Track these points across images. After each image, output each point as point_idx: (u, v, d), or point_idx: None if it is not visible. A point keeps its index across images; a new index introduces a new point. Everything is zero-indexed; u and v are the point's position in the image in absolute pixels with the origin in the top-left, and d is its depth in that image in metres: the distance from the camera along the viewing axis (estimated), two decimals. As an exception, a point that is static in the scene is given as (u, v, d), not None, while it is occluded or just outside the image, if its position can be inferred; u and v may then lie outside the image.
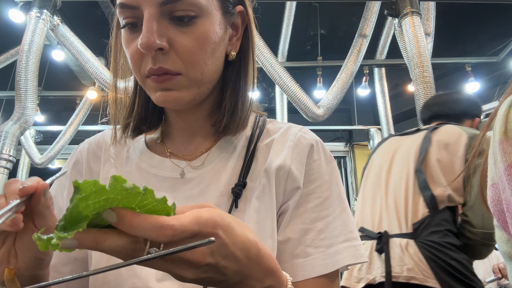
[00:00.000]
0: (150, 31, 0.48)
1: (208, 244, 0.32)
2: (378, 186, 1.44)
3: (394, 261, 1.23)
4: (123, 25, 0.52)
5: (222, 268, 0.35)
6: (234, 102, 0.58)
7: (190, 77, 0.51)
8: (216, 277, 0.35)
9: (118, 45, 0.60)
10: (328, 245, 0.52)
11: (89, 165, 0.63)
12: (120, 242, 0.30)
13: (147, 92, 0.55)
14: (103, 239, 0.30)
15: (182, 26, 0.50)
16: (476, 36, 4.30)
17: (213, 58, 0.53)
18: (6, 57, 3.74)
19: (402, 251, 1.23)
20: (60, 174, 0.47)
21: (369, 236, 1.35)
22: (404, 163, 1.40)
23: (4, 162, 2.93)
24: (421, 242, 1.22)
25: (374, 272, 1.26)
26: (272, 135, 0.61)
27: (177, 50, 0.50)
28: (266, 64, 3.31)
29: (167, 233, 0.30)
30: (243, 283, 0.37)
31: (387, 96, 4.08)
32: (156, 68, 0.49)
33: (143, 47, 0.48)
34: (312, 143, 0.59)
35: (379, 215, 1.37)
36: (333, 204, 0.56)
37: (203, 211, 0.33)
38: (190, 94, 0.53)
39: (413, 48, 2.67)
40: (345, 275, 1.35)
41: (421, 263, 1.19)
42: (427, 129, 1.47)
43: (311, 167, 0.57)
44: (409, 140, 1.48)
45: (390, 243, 1.26)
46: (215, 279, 0.35)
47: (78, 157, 0.64)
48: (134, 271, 0.50)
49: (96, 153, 0.64)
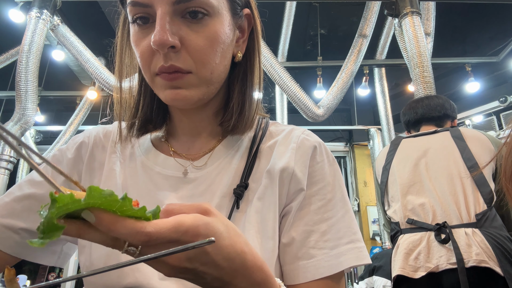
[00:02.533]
0: (164, 28, 0.48)
1: (208, 244, 0.32)
2: (418, 183, 1.51)
3: (462, 249, 1.30)
4: (133, 20, 0.52)
5: (201, 272, 0.35)
6: (242, 102, 0.59)
7: (200, 75, 0.52)
8: (195, 278, 0.36)
9: (124, 44, 0.60)
10: (331, 246, 0.52)
11: (93, 152, 0.63)
12: (101, 237, 0.32)
13: (155, 91, 0.55)
14: (85, 232, 0.31)
15: (193, 25, 0.50)
16: (476, 36, 4.30)
17: (222, 58, 0.54)
18: (6, 57, 3.75)
19: (469, 239, 1.31)
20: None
21: (423, 227, 1.42)
22: (449, 160, 1.49)
23: (5, 163, 2.94)
24: (486, 231, 1.31)
25: (435, 261, 1.33)
26: (275, 137, 0.62)
27: (188, 48, 0.50)
28: (266, 64, 3.31)
29: (142, 239, 0.31)
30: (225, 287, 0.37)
31: (387, 96, 4.08)
32: (167, 66, 0.50)
33: (156, 44, 0.48)
34: (315, 145, 0.59)
35: (431, 208, 1.44)
36: (336, 206, 0.56)
37: (187, 218, 0.33)
38: (199, 93, 0.53)
39: (413, 48, 2.67)
40: (399, 264, 1.40)
41: (488, 250, 1.27)
42: (444, 130, 1.60)
43: (314, 169, 0.57)
44: (434, 140, 1.59)
45: (454, 232, 1.34)
46: (194, 280, 0.36)
47: (84, 140, 0.64)
48: (137, 266, 0.50)
49: (103, 143, 0.64)
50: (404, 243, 1.43)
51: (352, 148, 5.25)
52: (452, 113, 1.70)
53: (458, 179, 1.44)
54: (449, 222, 1.38)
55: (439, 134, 1.60)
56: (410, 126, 1.77)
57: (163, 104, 0.61)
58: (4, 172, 2.95)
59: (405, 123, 1.79)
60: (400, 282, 1.39)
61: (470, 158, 1.45)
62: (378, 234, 4.46)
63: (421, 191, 1.50)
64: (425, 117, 1.69)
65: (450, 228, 1.36)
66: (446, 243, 1.34)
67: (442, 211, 1.41)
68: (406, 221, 1.48)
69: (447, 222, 1.38)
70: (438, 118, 1.67)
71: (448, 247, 1.33)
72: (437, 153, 1.54)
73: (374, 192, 4.46)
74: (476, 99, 4.37)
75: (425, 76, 2.58)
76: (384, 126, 4.07)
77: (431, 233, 1.39)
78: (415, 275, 1.34)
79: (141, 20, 0.51)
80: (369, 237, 4.65)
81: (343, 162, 5.47)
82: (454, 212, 1.39)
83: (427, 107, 1.70)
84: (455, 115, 1.72)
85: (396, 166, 1.62)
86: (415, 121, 1.72)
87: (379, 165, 1.71)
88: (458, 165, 1.46)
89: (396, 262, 1.43)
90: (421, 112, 1.70)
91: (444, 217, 1.40)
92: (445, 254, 1.33)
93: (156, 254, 0.32)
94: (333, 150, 5.39)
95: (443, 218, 1.40)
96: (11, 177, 3.23)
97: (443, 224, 1.37)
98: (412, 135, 1.69)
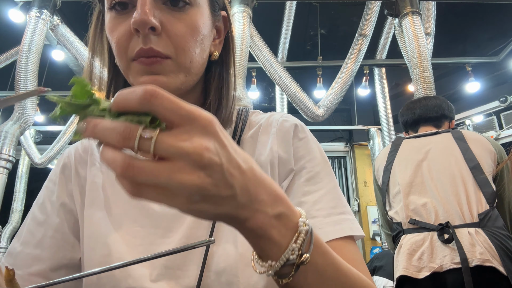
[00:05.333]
0: (145, 9, 0.47)
1: (208, 244, 0.31)
2: (420, 183, 1.52)
3: (465, 248, 1.31)
4: (111, 6, 0.51)
5: (228, 174, 0.29)
6: (219, 100, 0.58)
7: (179, 62, 0.51)
8: (222, 189, 0.29)
9: (97, 33, 0.59)
10: (325, 215, 0.50)
11: (77, 170, 0.62)
12: (113, 123, 0.27)
13: (130, 79, 0.52)
14: (98, 121, 0.28)
15: (175, 12, 0.50)
16: (476, 36, 4.30)
17: (201, 50, 0.53)
18: (6, 57, 3.74)
19: (472, 238, 1.32)
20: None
21: (425, 228, 1.42)
22: (450, 161, 1.50)
23: (4, 162, 2.93)
24: (489, 230, 1.32)
25: (439, 261, 1.34)
26: (256, 125, 0.61)
27: (169, 33, 0.49)
28: (266, 64, 3.31)
29: (153, 95, 0.27)
30: (252, 207, 0.32)
31: (387, 96, 4.08)
32: (147, 48, 0.48)
33: (137, 23, 0.47)
34: (295, 124, 0.59)
35: (433, 208, 1.44)
36: (325, 178, 0.55)
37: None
38: (177, 80, 0.51)
39: (413, 48, 2.67)
40: (403, 264, 1.40)
41: (491, 250, 1.28)
42: (446, 131, 1.61)
43: (297, 145, 0.57)
44: (436, 141, 1.59)
45: (457, 232, 1.35)
46: (221, 192, 0.29)
47: (65, 162, 0.63)
48: (128, 272, 0.49)
49: (83, 158, 0.63)
50: (407, 243, 1.43)
51: (352, 148, 5.24)
52: (450, 113, 1.71)
53: (460, 179, 1.44)
54: (452, 222, 1.38)
55: (440, 135, 1.61)
56: (408, 126, 1.78)
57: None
58: (3, 172, 2.95)
59: (403, 123, 1.80)
60: (404, 282, 1.39)
61: (472, 159, 1.46)
62: (378, 234, 4.46)
63: (423, 191, 1.50)
64: (422, 118, 1.71)
65: (453, 228, 1.36)
66: (449, 243, 1.35)
67: (444, 211, 1.42)
68: (408, 222, 1.48)
69: (449, 222, 1.38)
70: (436, 119, 1.69)
71: (451, 247, 1.34)
72: (438, 153, 1.55)
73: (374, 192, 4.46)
74: (476, 99, 4.37)
75: (425, 76, 2.58)
76: (384, 126, 4.06)
77: (434, 233, 1.40)
78: (419, 275, 1.35)
79: (120, 5, 0.50)
80: (369, 237, 4.65)
81: (343, 162, 5.47)
82: (456, 212, 1.39)
83: (424, 108, 1.71)
84: (453, 115, 1.73)
85: (398, 166, 1.62)
86: (413, 121, 1.74)
87: (380, 165, 1.71)
88: (460, 165, 1.47)
89: (399, 263, 1.43)
90: (419, 113, 1.71)
91: (447, 217, 1.40)
92: (448, 254, 1.33)
93: (155, 254, 0.31)
94: (333, 150, 5.39)
95: (446, 218, 1.40)
96: (11, 176, 3.23)
97: (446, 224, 1.37)
98: (413, 136, 1.70)
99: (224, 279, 0.47)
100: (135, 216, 0.54)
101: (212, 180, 0.28)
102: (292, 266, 0.34)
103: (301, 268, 0.35)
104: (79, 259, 0.58)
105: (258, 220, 0.32)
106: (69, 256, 0.58)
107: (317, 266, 0.36)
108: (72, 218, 0.59)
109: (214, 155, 0.28)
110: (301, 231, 0.34)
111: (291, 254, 0.33)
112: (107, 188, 0.58)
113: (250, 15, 2.97)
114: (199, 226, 0.51)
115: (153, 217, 0.53)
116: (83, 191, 0.60)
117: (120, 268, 0.31)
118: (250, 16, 2.97)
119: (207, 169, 0.28)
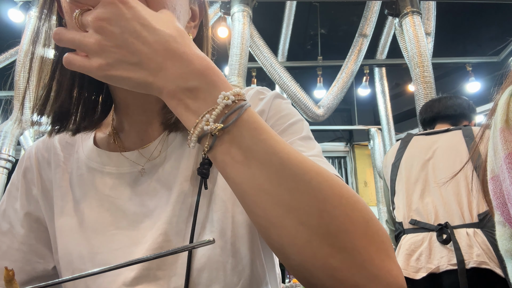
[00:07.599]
0: None
1: (208, 244, 0.31)
2: (424, 182, 1.51)
3: (463, 249, 1.29)
4: None
5: (129, 42, 0.35)
6: None
7: None
8: (127, 54, 0.35)
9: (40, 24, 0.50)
10: (305, 151, 0.48)
11: (40, 173, 0.57)
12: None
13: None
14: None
15: None
16: (476, 36, 4.30)
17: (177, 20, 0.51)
18: (6, 56, 3.74)
19: (470, 239, 1.30)
20: None
21: (425, 228, 1.41)
22: (455, 160, 1.47)
23: (4, 162, 2.93)
24: (488, 231, 1.30)
25: (436, 262, 1.33)
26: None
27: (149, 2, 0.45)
28: (266, 64, 3.31)
29: None
30: (163, 77, 0.36)
31: (388, 96, 4.08)
32: None
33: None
34: (257, 89, 0.57)
35: (433, 208, 1.43)
36: (301, 129, 0.52)
37: None
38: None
39: (413, 47, 2.67)
40: (401, 265, 1.39)
41: (489, 251, 1.26)
42: (457, 129, 1.58)
43: (270, 108, 0.54)
44: (445, 139, 1.57)
45: (455, 233, 1.33)
46: (127, 58, 0.35)
47: (27, 165, 0.58)
48: (100, 281, 0.47)
49: (46, 158, 0.58)
50: (406, 244, 1.43)
51: (353, 148, 5.24)
52: (470, 113, 1.67)
53: (464, 179, 1.44)
54: (451, 222, 1.37)
55: (451, 132, 1.58)
56: (425, 124, 1.76)
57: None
58: (2, 171, 2.95)
59: (421, 121, 1.78)
60: None
61: (478, 158, 1.45)
62: (378, 234, 4.45)
63: (426, 190, 1.49)
64: (440, 115, 1.69)
65: (452, 228, 1.35)
66: (447, 244, 1.34)
67: (444, 211, 1.41)
68: (409, 222, 1.48)
69: (449, 223, 1.37)
70: (454, 117, 1.66)
71: (449, 248, 1.33)
72: (444, 152, 1.53)
73: (375, 192, 4.46)
74: (476, 99, 4.35)
75: (425, 76, 2.58)
76: (384, 126, 4.06)
77: (433, 233, 1.39)
78: (416, 276, 1.34)
79: None
80: (369, 237, 4.64)
81: (343, 162, 5.47)
82: (456, 212, 1.38)
83: (443, 106, 1.70)
84: (473, 116, 1.69)
85: (405, 164, 1.61)
86: (431, 119, 1.72)
87: (389, 161, 1.70)
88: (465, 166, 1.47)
89: (399, 262, 1.42)
90: (437, 110, 1.70)
91: (447, 217, 1.39)
92: (446, 255, 1.33)
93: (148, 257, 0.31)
94: (333, 150, 5.39)
95: (445, 218, 1.39)
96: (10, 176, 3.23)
97: (445, 225, 1.37)
98: (423, 133, 1.68)
99: (207, 274, 0.46)
100: (110, 218, 0.51)
101: (111, 43, 0.35)
102: (209, 137, 0.36)
103: (221, 140, 0.36)
104: (52, 268, 0.55)
105: (171, 89, 0.36)
106: (40, 268, 0.55)
107: (241, 142, 0.36)
108: (39, 227, 0.55)
109: (107, 24, 0.34)
110: (219, 103, 0.36)
111: (205, 124, 0.35)
112: (76, 190, 0.54)
113: (250, 15, 2.97)
114: (178, 220, 0.49)
115: (129, 218, 0.50)
116: (49, 196, 0.56)
117: (103, 272, 0.30)
118: (250, 16, 2.97)
119: (102, 34, 0.35)
